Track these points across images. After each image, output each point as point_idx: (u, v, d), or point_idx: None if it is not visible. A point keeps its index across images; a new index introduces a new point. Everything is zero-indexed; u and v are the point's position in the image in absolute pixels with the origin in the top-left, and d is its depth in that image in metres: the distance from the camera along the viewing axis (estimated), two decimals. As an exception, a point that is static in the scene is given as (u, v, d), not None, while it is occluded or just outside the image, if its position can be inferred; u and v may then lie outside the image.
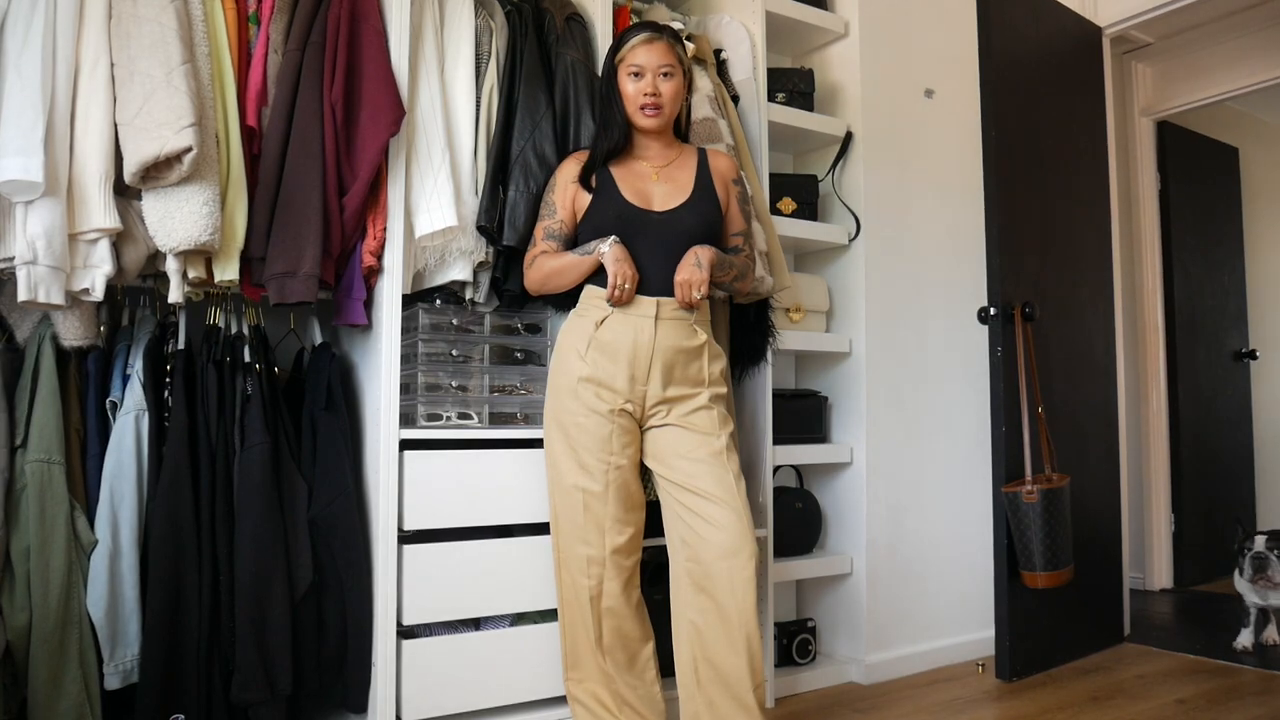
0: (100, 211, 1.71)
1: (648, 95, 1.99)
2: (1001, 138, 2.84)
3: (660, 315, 1.95)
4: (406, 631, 2.02)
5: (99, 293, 1.75)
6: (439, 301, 2.19)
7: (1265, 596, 3.03)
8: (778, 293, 2.39)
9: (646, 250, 1.96)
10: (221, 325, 1.99)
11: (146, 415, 1.85)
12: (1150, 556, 4.12)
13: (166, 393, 1.90)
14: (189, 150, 1.69)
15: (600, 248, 1.94)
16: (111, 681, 1.79)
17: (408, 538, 2.02)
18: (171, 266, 1.79)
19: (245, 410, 1.93)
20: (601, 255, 1.94)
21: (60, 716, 1.72)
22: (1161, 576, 4.13)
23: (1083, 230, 3.21)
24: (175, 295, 1.80)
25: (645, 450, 2.00)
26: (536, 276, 2.05)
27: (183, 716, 1.79)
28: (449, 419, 2.13)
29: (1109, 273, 3.32)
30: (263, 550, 1.87)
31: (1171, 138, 4.25)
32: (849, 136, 2.90)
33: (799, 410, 2.78)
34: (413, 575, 2.00)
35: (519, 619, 2.16)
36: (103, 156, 1.72)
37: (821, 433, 2.85)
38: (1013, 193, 2.87)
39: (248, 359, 1.97)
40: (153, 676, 1.77)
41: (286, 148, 1.89)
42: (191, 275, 1.81)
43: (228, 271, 1.83)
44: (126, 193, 1.79)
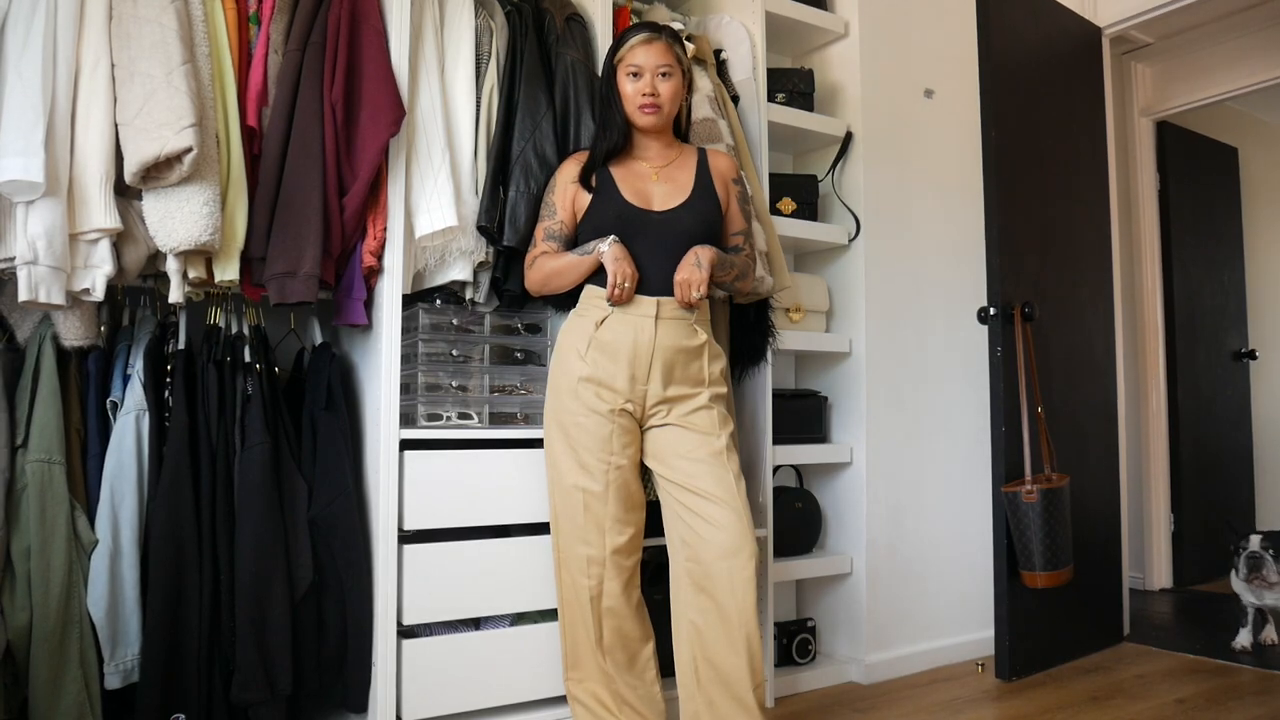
0: (101, 212, 1.71)
1: (646, 95, 1.99)
2: (1001, 138, 2.84)
3: (660, 315, 1.95)
4: (406, 631, 2.03)
5: (99, 293, 1.75)
6: (439, 301, 2.19)
7: (1260, 596, 3.04)
8: (778, 293, 2.39)
9: (646, 250, 1.96)
10: (222, 325, 1.99)
11: (147, 415, 1.85)
12: (1150, 556, 4.12)
13: (167, 393, 1.90)
14: (189, 150, 1.69)
15: (600, 247, 1.94)
16: (112, 681, 1.79)
17: (408, 538, 2.03)
18: (172, 266, 1.79)
19: (245, 410, 1.93)
20: (601, 254, 1.94)
21: (61, 716, 1.72)
22: (1161, 576, 4.13)
23: (1082, 230, 3.21)
24: (175, 295, 1.80)
25: (645, 450, 2.00)
26: (536, 277, 2.05)
27: (183, 716, 1.80)
28: (449, 419, 2.13)
29: (1109, 273, 3.32)
30: (263, 550, 1.88)
31: (1171, 138, 4.25)
32: (849, 136, 2.90)
33: (799, 410, 2.78)
34: (413, 575, 2.00)
35: (519, 619, 2.16)
36: (103, 157, 1.72)
37: (821, 433, 2.85)
38: (1012, 193, 2.87)
39: (248, 359, 1.97)
40: (153, 676, 1.77)
41: (287, 148, 1.89)
42: (192, 275, 1.82)
43: (228, 271, 1.84)
44: (127, 193, 1.79)
